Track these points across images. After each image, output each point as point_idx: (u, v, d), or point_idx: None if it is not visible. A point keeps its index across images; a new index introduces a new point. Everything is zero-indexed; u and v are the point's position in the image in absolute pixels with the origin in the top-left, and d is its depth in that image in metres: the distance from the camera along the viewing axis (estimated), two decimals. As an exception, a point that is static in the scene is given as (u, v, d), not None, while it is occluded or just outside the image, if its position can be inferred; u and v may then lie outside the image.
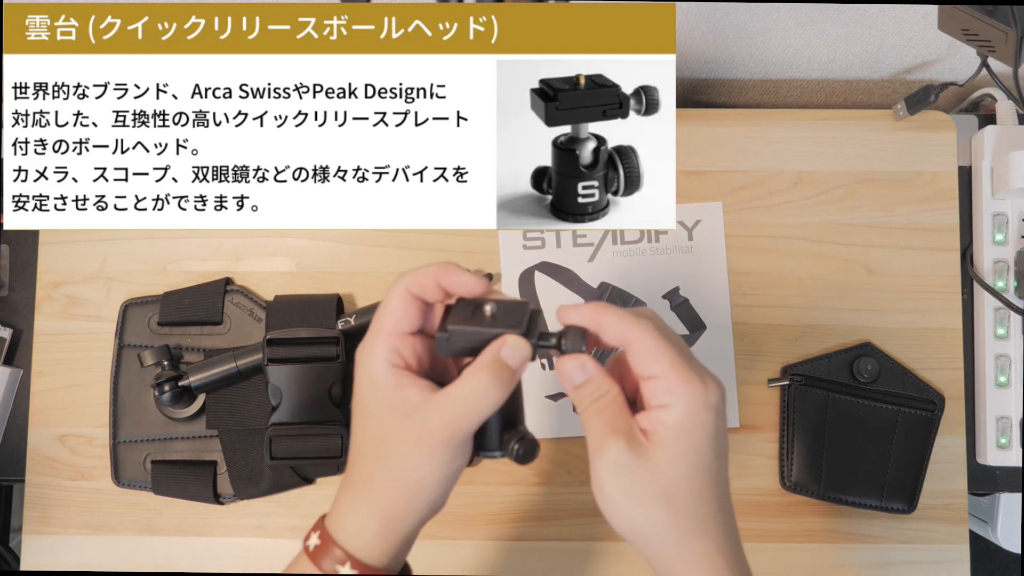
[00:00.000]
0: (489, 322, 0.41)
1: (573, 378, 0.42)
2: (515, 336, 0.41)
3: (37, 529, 0.69)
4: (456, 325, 0.42)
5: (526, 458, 0.42)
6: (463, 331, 0.41)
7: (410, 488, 0.41)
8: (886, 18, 0.71)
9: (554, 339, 0.42)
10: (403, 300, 0.42)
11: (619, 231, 0.72)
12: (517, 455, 0.42)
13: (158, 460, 0.68)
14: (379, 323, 0.43)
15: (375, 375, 0.42)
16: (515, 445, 0.42)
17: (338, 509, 0.43)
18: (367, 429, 0.42)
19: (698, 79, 0.82)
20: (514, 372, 0.41)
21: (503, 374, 0.40)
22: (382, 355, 0.42)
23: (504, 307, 0.42)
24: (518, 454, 0.42)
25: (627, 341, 0.41)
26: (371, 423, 0.42)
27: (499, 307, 0.42)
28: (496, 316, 0.42)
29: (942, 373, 0.70)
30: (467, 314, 0.42)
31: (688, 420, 0.40)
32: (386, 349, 0.42)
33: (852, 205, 0.72)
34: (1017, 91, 0.67)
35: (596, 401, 0.41)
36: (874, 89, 0.83)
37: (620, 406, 0.41)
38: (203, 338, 0.70)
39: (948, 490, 0.69)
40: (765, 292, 0.71)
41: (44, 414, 0.70)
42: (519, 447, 0.42)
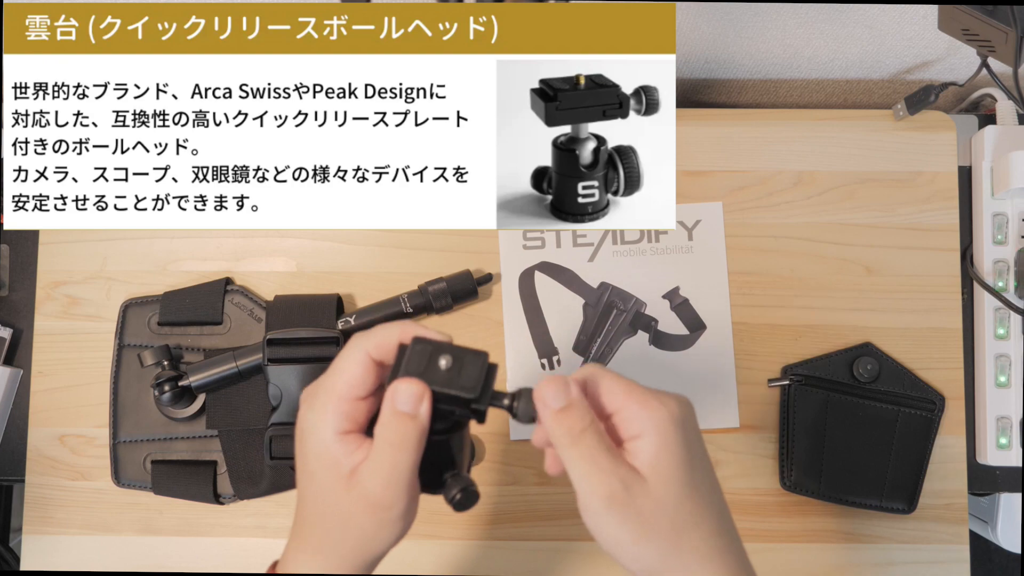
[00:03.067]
0: (443, 378, 0.39)
1: (553, 401, 0.39)
2: (406, 383, 0.39)
3: (37, 529, 0.69)
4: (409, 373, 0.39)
5: (463, 506, 0.41)
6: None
7: (370, 547, 0.41)
8: (886, 18, 0.71)
9: (507, 399, 0.40)
10: (361, 366, 0.40)
11: (619, 231, 0.72)
12: (455, 502, 0.40)
13: (158, 460, 0.68)
14: (332, 386, 0.40)
15: (323, 443, 0.40)
16: (456, 494, 0.40)
17: (294, 564, 0.42)
18: (317, 496, 0.41)
19: (698, 79, 0.82)
20: (415, 418, 0.39)
21: (405, 427, 0.38)
22: (332, 422, 0.40)
23: (460, 359, 0.39)
24: (456, 501, 0.40)
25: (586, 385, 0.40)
26: (319, 491, 0.41)
27: (455, 359, 0.39)
28: (451, 371, 0.39)
29: (942, 373, 0.70)
30: (422, 363, 0.39)
31: (662, 442, 0.39)
32: (336, 416, 0.40)
33: (852, 205, 0.72)
34: (1017, 91, 0.67)
35: (581, 434, 0.39)
36: (874, 89, 0.83)
37: (605, 437, 0.39)
38: (203, 338, 0.70)
39: (948, 490, 0.69)
40: (765, 292, 0.71)
41: (44, 414, 0.70)
42: (459, 495, 0.40)
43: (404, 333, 0.41)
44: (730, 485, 0.69)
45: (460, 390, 0.39)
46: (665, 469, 0.39)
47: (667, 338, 0.70)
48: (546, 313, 0.71)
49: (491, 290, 0.71)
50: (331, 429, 0.40)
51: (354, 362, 0.40)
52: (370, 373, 0.40)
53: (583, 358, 0.70)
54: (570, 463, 0.39)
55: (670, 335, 0.71)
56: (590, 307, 0.71)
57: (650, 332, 0.70)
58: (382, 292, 0.70)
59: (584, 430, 0.39)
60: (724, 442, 0.69)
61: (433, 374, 0.39)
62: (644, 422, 0.39)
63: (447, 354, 0.39)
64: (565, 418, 0.39)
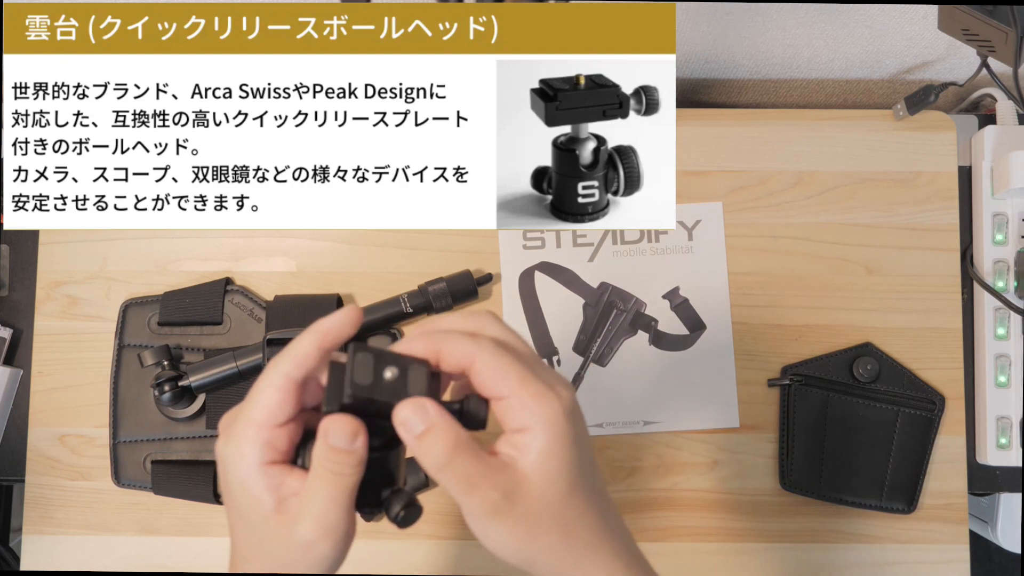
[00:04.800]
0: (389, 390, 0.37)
1: (412, 427, 0.36)
2: (337, 420, 0.37)
3: (37, 529, 0.69)
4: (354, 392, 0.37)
5: (407, 523, 0.39)
6: (362, 401, 0.37)
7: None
8: (886, 18, 0.71)
9: (457, 405, 0.38)
10: (281, 391, 0.38)
11: (619, 231, 0.72)
12: (399, 519, 0.39)
13: (158, 460, 0.68)
14: (249, 414, 0.38)
15: (246, 477, 0.37)
16: (399, 511, 0.39)
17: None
18: (246, 531, 0.39)
19: (698, 79, 0.82)
20: (351, 453, 0.37)
21: (340, 461, 0.37)
22: (253, 454, 0.37)
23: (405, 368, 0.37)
24: (400, 518, 0.39)
25: (467, 365, 0.38)
26: (248, 527, 0.39)
27: (400, 369, 0.37)
28: (397, 382, 0.37)
29: (942, 373, 0.70)
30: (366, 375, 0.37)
31: (552, 437, 0.37)
32: (257, 447, 0.37)
33: (852, 205, 0.72)
34: (1017, 91, 0.67)
35: (449, 458, 0.36)
36: (874, 89, 0.83)
37: (473, 452, 0.37)
38: (203, 338, 0.70)
39: (948, 490, 0.69)
40: (765, 292, 0.71)
41: (44, 414, 0.70)
42: (403, 512, 0.39)
43: (318, 335, 0.38)
44: (730, 485, 0.69)
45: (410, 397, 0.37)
46: (553, 467, 0.37)
47: (667, 338, 0.70)
48: (546, 313, 0.71)
49: (491, 290, 0.71)
50: (253, 462, 0.37)
51: (272, 387, 0.38)
52: (290, 397, 0.38)
53: (583, 358, 0.70)
54: (444, 484, 0.37)
55: (670, 335, 0.71)
56: (590, 307, 0.71)
57: (650, 332, 0.70)
58: (382, 292, 0.70)
59: (451, 453, 0.36)
60: (724, 442, 0.69)
61: (378, 386, 0.37)
62: (535, 415, 0.37)
63: (392, 365, 0.37)
64: (430, 444, 0.36)
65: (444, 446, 0.36)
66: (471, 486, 0.36)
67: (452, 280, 0.69)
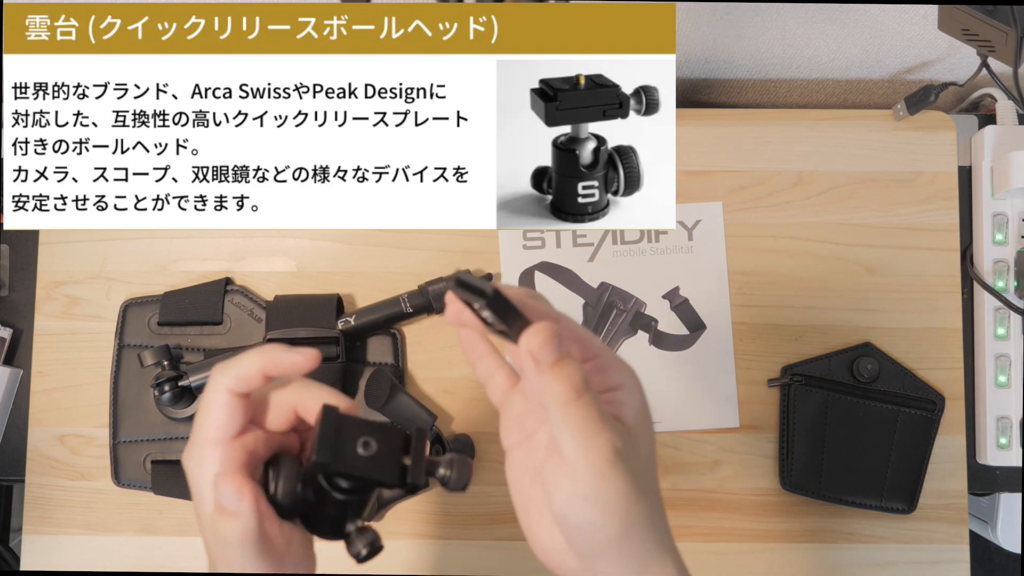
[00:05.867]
0: (363, 463, 0.36)
1: (543, 355, 0.34)
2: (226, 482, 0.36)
3: (37, 529, 0.69)
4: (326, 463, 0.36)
5: (366, 560, 0.39)
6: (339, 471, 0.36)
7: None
8: (886, 18, 0.71)
9: (441, 469, 0.37)
10: (226, 406, 0.38)
11: (619, 231, 0.72)
12: (359, 557, 0.38)
13: (158, 460, 0.68)
14: (201, 431, 0.38)
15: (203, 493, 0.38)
16: (362, 549, 0.38)
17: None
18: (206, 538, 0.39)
19: (698, 79, 0.82)
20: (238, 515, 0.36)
21: (229, 524, 0.36)
22: (207, 469, 0.38)
23: (383, 437, 0.36)
24: (361, 557, 0.38)
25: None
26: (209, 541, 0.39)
27: (375, 438, 0.36)
28: (371, 456, 0.36)
29: (942, 373, 0.70)
30: (335, 444, 0.36)
31: (641, 394, 0.37)
32: (216, 463, 0.37)
33: (852, 205, 0.72)
34: (1017, 91, 0.67)
35: (580, 391, 0.34)
36: (874, 89, 0.83)
37: (595, 394, 0.35)
38: (203, 338, 0.70)
39: (948, 490, 0.69)
40: (765, 292, 0.71)
41: (44, 414, 0.70)
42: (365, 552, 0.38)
43: (265, 358, 0.38)
44: (730, 485, 0.69)
45: (381, 475, 0.37)
46: (645, 422, 0.37)
47: (667, 338, 0.70)
48: (546, 313, 0.71)
49: (491, 290, 0.71)
50: (206, 478, 0.38)
51: (217, 403, 0.38)
52: (236, 410, 0.38)
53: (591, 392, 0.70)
54: (567, 423, 0.34)
55: (670, 335, 0.70)
56: (590, 307, 0.71)
57: (650, 332, 0.70)
58: (382, 292, 0.70)
59: (583, 387, 0.34)
60: (724, 442, 0.69)
61: (350, 456, 0.36)
62: (624, 374, 0.37)
63: (365, 435, 0.36)
64: (561, 375, 0.34)
65: (577, 379, 0.34)
66: (600, 427, 0.34)
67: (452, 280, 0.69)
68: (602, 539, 0.35)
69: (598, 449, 0.34)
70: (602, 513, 0.35)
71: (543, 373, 0.34)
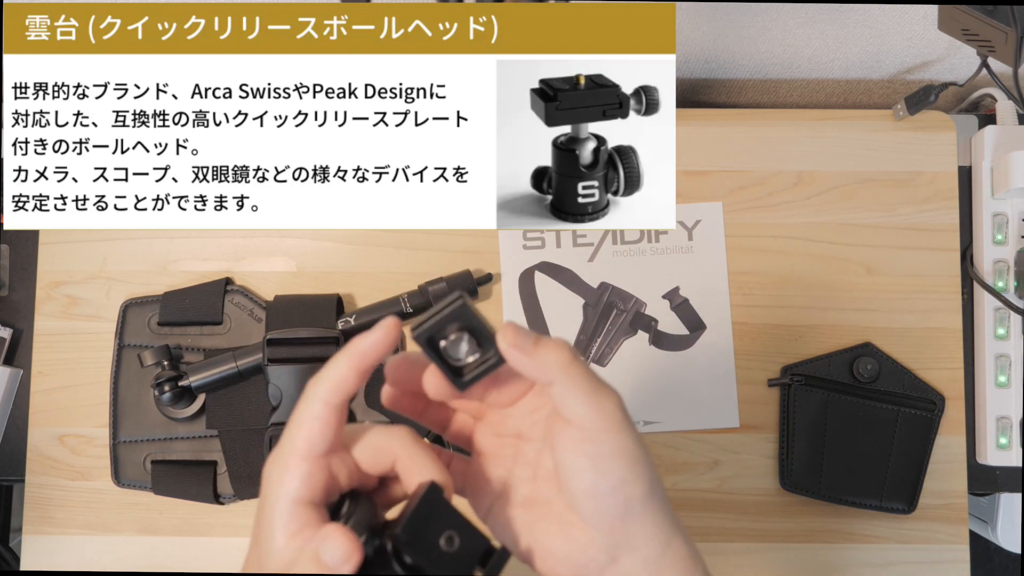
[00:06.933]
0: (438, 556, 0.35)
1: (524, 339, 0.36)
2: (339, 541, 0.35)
3: (37, 529, 0.69)
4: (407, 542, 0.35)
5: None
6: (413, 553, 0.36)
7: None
8: (886, 18, 0.71)
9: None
10: (318, 419, 0.36)
11: (619, 231, 0.72)
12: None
13: (158, 460, 0.68)
14: (290, 441, 0.36)
15: (275, 508, 0.36)
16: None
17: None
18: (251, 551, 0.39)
19: (698, 79, 0.82)
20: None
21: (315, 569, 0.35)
22: (292, 485, 0.36)
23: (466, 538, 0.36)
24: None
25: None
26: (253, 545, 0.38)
27: (460, 537, 0.36)
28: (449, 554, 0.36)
29: (942, 373, 0.70)
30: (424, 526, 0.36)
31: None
32: (297, 478, 0.36)
33: (852, 205, 0.72)
34: (1017, 91, 0.67)
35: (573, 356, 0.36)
36: (874, 89, 0.83)
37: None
38: (203, 338, 0.70)
39: (948, 490, 0.69)
40: (765, 292, 0.71)
41: (44, 414, 0.70)
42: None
43: (355, 357, 0.37)
44: (730, 485, 0.69)
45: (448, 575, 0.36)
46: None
47: (667, 338, 0.70)
48: (546, 313, 0.71)
49: (491, 290, 0.71)
50: (289, 492, 0.36)
51: (312, 415, 0.36)
52: (330, 424, 0.36)
53: (583, 358, 0.70)
54: (573, 384, 0.36)
55: (670, 335, 0.71)
56: (590, 307, 0.71)
57: (650, 332, 0.70)
58: (382, 292, 0.70)
59: (574, 351, 0.36)
60: (724, 442, 0.69)
61: (431, 544, 0.36)
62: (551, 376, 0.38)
63: (452, 530, 0.36)
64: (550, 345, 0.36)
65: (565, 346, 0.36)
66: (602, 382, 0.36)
67: (452, 280, 0.69)
68: (636, 495, 0.36)
69: (607, 406, 0.36)
70: (631, 466, 0.36)
71: (533, 353, 0.36)
